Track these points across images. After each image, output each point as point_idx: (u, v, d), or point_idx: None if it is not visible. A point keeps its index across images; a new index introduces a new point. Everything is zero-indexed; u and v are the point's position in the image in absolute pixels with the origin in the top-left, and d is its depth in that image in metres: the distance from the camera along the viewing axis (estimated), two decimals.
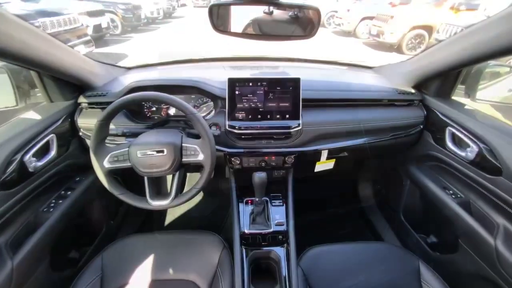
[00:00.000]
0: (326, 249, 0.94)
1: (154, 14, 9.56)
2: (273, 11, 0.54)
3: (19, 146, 0.77)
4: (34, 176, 0.82)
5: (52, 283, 0.91)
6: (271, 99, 0.97)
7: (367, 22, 7.42)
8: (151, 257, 0.90)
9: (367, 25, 7.35)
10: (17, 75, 0.89)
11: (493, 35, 0.70)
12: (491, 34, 0.71)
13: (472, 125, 0.87)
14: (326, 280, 0.85)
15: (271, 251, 0.92)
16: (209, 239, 0.95)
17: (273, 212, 1.01)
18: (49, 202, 0.90)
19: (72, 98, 1.00)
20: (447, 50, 0.88)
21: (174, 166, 0.81)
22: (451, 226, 0.95)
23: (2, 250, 0.72)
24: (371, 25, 6.92)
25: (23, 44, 0.69)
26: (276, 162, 1.04)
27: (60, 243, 0.94)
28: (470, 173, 0.88)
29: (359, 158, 1.43)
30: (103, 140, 0.82)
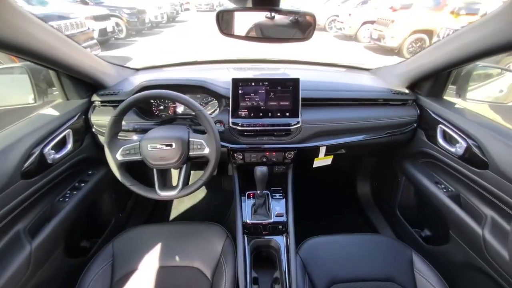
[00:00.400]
0: (324, 240, 0.99)
1: (158, 18, 9.74)
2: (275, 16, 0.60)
3: (39, 139, 0.84)
4: (52, 168, 0.89)
5: (66, 268, 0.97)
6: (272, 98, 1.03)
7: (368, 26, 7.51)
8: (159, 246, 0.95)
9: (368, 29, 7.44)
10: (36, 74, 0.96)
11: (478, 37, 0.76)
12: (475, 36, 0.77)
13: (461, 122, 0.93)
14: (324, 268, 0.90)
15: (272, 239, 0.97)
16: (213, 230, 1.00)
17: (274, 205, 1.06)
18: (64, 193, 0.97)
19: (86, 97, 1.07)
20: (437, 53, 0.94)
21: (182, 159, 0.87)
22: (443, 218, 1.00)
23: (21, 235, 0.78)
24: (372, 29, 7.00)
25: (47, 45, 0.76)
26: (277, 158, 1.10)
27: (74, 231, 1.00)
28: (459, 168, 0.93)
29: (356, 156, 1.48)
30: (116, 134, 0.88)
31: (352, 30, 7.98)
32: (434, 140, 1.03)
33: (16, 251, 0.75)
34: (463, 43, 0.82)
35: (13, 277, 0.71)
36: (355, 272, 0.89)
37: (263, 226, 0.99)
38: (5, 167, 0.74)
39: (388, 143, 1.16)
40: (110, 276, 0.87)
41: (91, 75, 1.01)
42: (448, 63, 0.90)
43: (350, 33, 8.07)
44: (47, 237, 0.84)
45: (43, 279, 0.85)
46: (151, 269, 0.89)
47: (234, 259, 0.91)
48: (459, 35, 0.84)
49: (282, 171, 1.18)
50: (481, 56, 0.79)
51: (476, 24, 0.77)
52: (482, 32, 0.75)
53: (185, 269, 0.91)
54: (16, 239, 0.76)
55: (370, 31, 7.22)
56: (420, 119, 1.12)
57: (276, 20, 0.61)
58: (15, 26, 0.65)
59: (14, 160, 0.76)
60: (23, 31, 0.68)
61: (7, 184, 0.73)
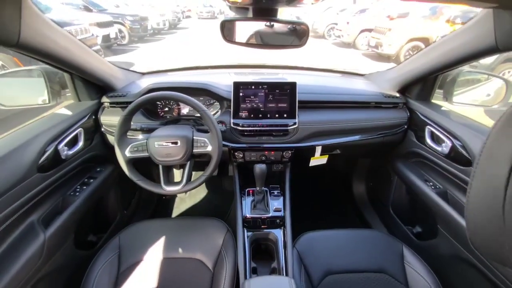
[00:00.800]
0: (320, 234, 1.04)
1: (160, 25, 9.94)
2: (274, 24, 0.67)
3: (54, 136, 0.90)
4: (65, 163, 0.95)
5: (75, 258, 1.03)
6: (271, 100, 1.10)
7: (366, 34, 7.68)
8: (163, 239, 1.00)
9: (366, 37, 7.61)
10: (51, 77, 1.03)
11: (459, 44, 0.84)
12: (457, 43, 0.85)
13: (446, 123, 1.00)
14: (319, 260, 0.95)
15: (270, 232, 1.03)
16: (215, 224, 1.05)
17: (272, 201, 1.12)
18: (75, 188, 1.03)
19: (96, 98, 1.14)
20: (424, 59, 1.02)
21: (186, 156, 0.94)
22: (432, 214, 1.06)
23: (35, 224, 0.84)
24: (370, 37, 7.16)
25: (64, 49, 0.84)
26: (275, 157, 1.16)
27: (82, 225, 1.06)
28: (446, 166, 0.99)
29: (351, 156, 1.54)
30: (125, 132, 0.95)
31: (351, 38, 8.16)
32: (423, 140, 1.10)
33: (31, 238, 0.80)
34: (447, 49, 0.90)
35: (28, 262, 0.76)
36: (349, 264, 0.94)
37: (262, 220, 1.04)
38: (23, 161, 0.80)
39: (380, 143, 1.23)
40: (117, 267, 0.92)
41: (102, 78, 1.08)
42: (434, 68, 0.98)
43: (349, 41, 8.24)
44: (59, 228, 0.89)
45: (55, 267, 0.91)
46: (156, 260, 0.95)
47: (234, 251, 0.96)
48: (443, 42, 0.91)
49: (280, 170, 1.24)
50: (463, 61, 0.86)
51: (458, 31, 0.85)
52: (463, 38, 0.82)
53: (187, 260, 0.96)
54: (31, 228, 0.82)
55: (368, 38, 7.39)
56: (410, 121, 1.19)
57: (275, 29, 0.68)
58: (38, 31, 0.72)
59: (31, 154, 0.82)
60: (44, 35, 0.75)
61: (24, 176, 0.79)
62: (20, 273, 0.74)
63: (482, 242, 0.29)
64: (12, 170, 0.76)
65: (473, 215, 0.30)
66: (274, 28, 0.67)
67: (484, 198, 0.27)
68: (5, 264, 0.72)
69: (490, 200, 0.26)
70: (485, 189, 0.27)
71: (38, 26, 0.71)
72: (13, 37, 0.63)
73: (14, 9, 0.62)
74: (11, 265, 0.72)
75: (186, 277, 0.91)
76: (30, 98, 1.03)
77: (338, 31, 8.84)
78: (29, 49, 0.71)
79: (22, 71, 1.10)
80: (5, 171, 0.74)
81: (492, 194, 0.26)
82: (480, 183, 0.28)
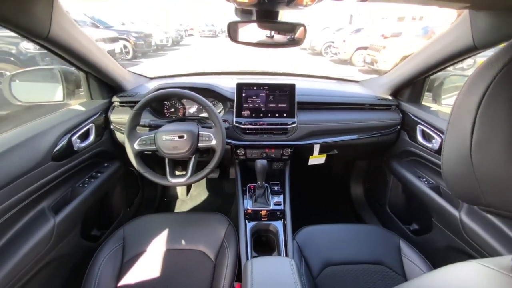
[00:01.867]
0: (319, 228, 1.07)
1: (164, 42, 10.32)
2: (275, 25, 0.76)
3: (69, 129, 0.97)
4: (77, 155, 1.00)
5: (81, 247, 1.06)
6: (271, 101, 1.17)
7: (361, 52, 8.00)
8: (166, 231, 1.03)
9: (362, 54, 7.92)
10: (68, 76, 1.11)
11: (441, 47, 0.93)
12: (439, 46, 0.94)
13: (435, 121, 1.07)
14: (318, 252, 0.98)
15: (270, 224, 1.06)
16: (217, 218, 1.09)
17: (272, 195, 1.16)
18: (84, 180, 1.07)
19: (107, 98, 1.21)
20: (412, 63, 1.11)
21: (192, 149, 0.99)
22: (426, 209, 1.10)
23: (46, 210, 0.88)
24: (366, 54, 7.46)
25: (84, 48, 0.92)
26: (275, 154, 1.21)
27: (88, 217, 1.09)
28: (437, 161, 1.05)
29: (348, 157, 1.60)
30: (135, 127, 1.01)
31: (347, 55, 8.48)
32: (415, 139, 1.16)
33: (42, 222, 0.84)
34: (431, 52, 0.99)
35: (38, 244, 0.80)
36: (348, 256, 0.97)
37: (263, 212, 1.08)
38: (39, 149, 0.85)
39: (376, 144, 1.29)
40: (121, 257, 0.94)
41: (114, 79, 1.16)
42: (421, 71, 1.07)
43: (345, 58, 8.55)
44: (68, 215, 0.93)
45: (62, 254, 0.93)
46: (159, 251, 0.97)
47: (236, 243, 0.99)
48: (428, 46, 1.01)
49: (280, 168, 1.29)
50: (446, 62, 0.95)
51: (440, 35, 0.94)
52: (445, 41, 0.92)
53: (190, 252, 0.98)
54: (42, 213, 0.86)
55: (363, 56, 7.69)
56: (403, 122, 1.26)
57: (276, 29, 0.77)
58: (65, 29, 0.81)
59: (47, 144, 0.88)
60: (70, 34, 0.83)
61: (39, 163, 0.84)
62: (30, 254, 0.77)
63: (458, 188, 0.33)
64: (28, 157, 0.81)
65: (447, 166, 0.34)
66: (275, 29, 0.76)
67: (455, 147, 0.32)
68: (16, 244, 0.75)
69: (460, 147, 0.31)
70: (456, 139, 0.32)
71: (65, 25, 0.80)
72: (44, 31, 0.71)
73: (47, 6, 0.70)
74: (22, 245, 0.76)
75: (188, 267, 0.94)
76: (46, 95, 1.10)
77: (335, 49, 9.19)
78: (56, 44, 0.79)
79: (41, 69, 1.17)
80: (22, 157, 0.79)
81: (462, 142, 0.30)
82: (452, 135, 0.33)
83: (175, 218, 1.12)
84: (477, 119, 0.27)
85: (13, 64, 4.12)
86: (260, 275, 0.66)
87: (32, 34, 0.71)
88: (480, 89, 0.27)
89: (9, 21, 0.64)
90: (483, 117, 0.27)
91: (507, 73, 0.26)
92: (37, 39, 0.73)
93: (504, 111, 0.25)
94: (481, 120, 0.27)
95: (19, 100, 1.04)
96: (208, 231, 1.04)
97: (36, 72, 1.17)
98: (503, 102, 0.25)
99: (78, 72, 1.12)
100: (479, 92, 0.27)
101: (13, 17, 0.63)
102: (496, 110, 0.26)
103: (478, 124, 0.27)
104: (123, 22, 10.14)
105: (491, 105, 0.26)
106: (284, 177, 1.25)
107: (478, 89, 0.27)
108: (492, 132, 0.26)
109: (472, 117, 0.28)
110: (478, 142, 0.27)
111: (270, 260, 0.74)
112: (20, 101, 1.04)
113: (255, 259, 0.72)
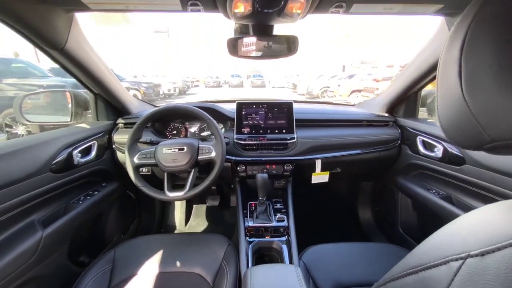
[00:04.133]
0: (327, 247, 0.98)
1: (171, 91, 11.11)
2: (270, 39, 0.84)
3: (71, 142, 0.98)
4: (75, 169, 0.99)
5: (66, 268, 0.97)
6: (271, 118, 1.21)
7: (356, 94, 8.49)
8: (160, 253, 0.95)
9: (357, 96, 8.39)
10: (77, 99, 1.18)
11: (424, 58, 1.01)
12: (422, 58, 1.01)
13: (435, 130, 1.07)
14: (328, 273, 0.88)
15: (274, 241, 0.97)
16: (215, 238, 1.01)
17: (275, 212, 1.10)
18: (79, 197, 1.04)
19: (112, 119, 1.26)
20: (401, 79, 1.18)
21: (191, 162, 0.98)
22: (441, 222, 1.02)
23: (35, 223, 0.83)
24: (360, 96, 7.90)
25: (97, 67, 1.00)
26: (276, 170, 1.19)
27: (79, 236, 1.02)
28: (443, 169, 1.02)
29: (352, 175, 1.54)
30: (136, 141, 1.02)
31: (343, 98, 8.97)
32: (417, 150, 1.15)
33: (29, 233, 0.78)
34: (417, 65, 1.06)
35: (22, 255, 0.73)
36: (361, 277, 0.87)
37: (265, 229, 1.00)
38: (38, 158, 0.85)
39: (378, 159, 1.27)
40: (108, 280, 0.85)
41: (121, 101, 1.22)
42: (410, 84, 1.13)
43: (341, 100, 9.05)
44: (57, 230, 0.87)
45: (45, 273, 0.85)
46: (151, 274, 0.88)
47: (236, 263, 0.90)
48: (414, 60, 1.08)
49: (282, 187, 1.25)
50: (431, 72, 1.00)
51: (423, 48, 1.02)
52: (428, 51, 0.99)
53: (185, 274, 0.89)
54: (31, 225, 0.81)
55: (358, 98, 8.13)
56: (402, 136, 1.26)
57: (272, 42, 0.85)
58: (80, 45, 0.89)
59: (47, 154, 0.88)
60: (84, 50, 0.91)
61: (37, 172, 0.83)
62: (13, 264, 0.71)
63: (460, 134, 0.33)
64: (26, 164, 0.81)
65: (444, 117, 0.34)
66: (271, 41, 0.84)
67: (447, 96, 0.33)
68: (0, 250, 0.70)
69: (453, 94, 0.31)
70: (447, 89, 0.33)
71: (81, 41, 0.88)
72: (61, 42, 0.79)
73: (67, 20, 0.79)
74: (5, 253, 0.70)
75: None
76: (55, 116, 1.15)
77: (331, 92, 9.79)
78: (70, 57, 0.86)
79: (53, 91, 1.25)
80: (20, 163, 0.79)
81: (453, 89, 0.31)
82: (443, 87, 0.34)
83: (171, 239, 1.04)
84: (462, 63, 0.29)
85: None
86: (261, 284, 0.59)
87: (49, 44, 0.78)
88: (459, 39, 0.29)
89: (30, 28, 0.71)
90: (468, 59, 0.28)
91: (481, 17, 0.28)
92: (53, 49, 0.80)
93: (485, 48, 0.27)
94: (466, 62, 0.28)
95: (28, 120, 1.08)
96: (205, 252, 0.96)
97: (48, 94, 1.24)
98: (483, 42, 0.27)
99: (87, 96, 1.20)
100: (458, 42, 0.29)
101: (34, 25, 0.71)
102: (477, 49, 0.28)
103: (464, 66, 0.29)
104: (135, 75, 11.11)
105: (472, 46, 0.28)
106: (287, 195, 1.20)
107: (457, 40, 0.29)
108: (478, 69, 0.28)
109: (457, 63, 0.30)
110: (468, 81, 0.28)
111: (273, 267, 0.66)
112: (28, 121, 1.09)
113: (256, 267, 0.64)
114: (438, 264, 0.29)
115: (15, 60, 4.94)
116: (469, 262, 0.25)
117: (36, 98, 1.13)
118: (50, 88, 4.19)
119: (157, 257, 0.94)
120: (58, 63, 0.88)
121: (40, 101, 1.15)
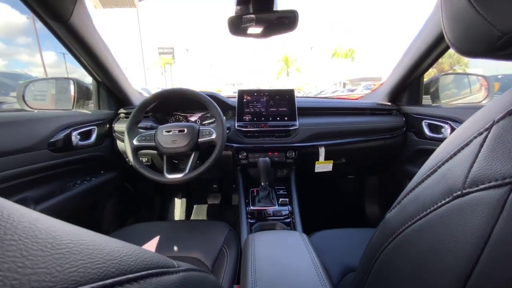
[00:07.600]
0: (334, 232, 0.93)
1: None
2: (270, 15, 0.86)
3: (72, 123, 0.97)
4: (73, 151, 0.97)
5: None
6: (272, 105, 1.20)
7: None
8: (156, 239, 0.90)
9: None
10: (80, 88, 1.18)
11: (420, 42, 1.01)
12: (419, 42, 1.02)
13: (439, 112, 1.05)
14: (338, 257, 0.82)
15: (277, 223, 0.92)
16: (215, 224, 0.96)
17: (278, 197, 1.05)
18: (76, 181, 1.00)
19: (114, 109, 1.25)
20: (401, 66, 1.18)
21: (191, 144, 0.96)
22: None
23: (28, 200, 0.80)
24: None
25: (103, 53, 1.01)
26: (279, 158, 1.16)
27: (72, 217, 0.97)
28: None
29: (357, 166, 1.48)
30: (137, 123, 1.01)
31: None
32: (423, 135, 1.12)
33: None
34: (415, 49, 1.06)
35: None
36: None
37: (267, 213, 0.95)
38: (37, 133, 0.84)
39: (383, 148, 1.23)
40: None
41: (124, 91, 1.23)
42: (411, 69, 1.12)
43: None
44: (50, 208, 0.84)
45: None
46: None
47: (237, 247, 0.84)
48: (412, 45, 1.08)
49: (285, 176, 1.20)
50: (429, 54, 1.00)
51: (419, 32, 1.02)
52: (424, 35, 0.99)
53: (182, 259, 0.83)
54: (23, 202, 0.77)
55: None
56: (407, 123, 1.24)
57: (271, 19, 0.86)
58: (85, 22, 0.90)
59: (46, 130, 0.87)
60: (88, 29, 0.92)
61: (33, 147, 0.81)
62: None
63: (467, 37, 0.31)
64: (25, 137, 0.79)
65: (450, 26, 0.33)
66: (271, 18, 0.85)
67: (453, 3, 0.32)
68: None
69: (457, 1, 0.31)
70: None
71: (86, 18, 0.90)
72: (66, 14, 0.80)
73: None
74: None
75: None
76: (57, 104, 1.15)
77: None
78: (74, 33, 0.87)
79: (58, 79, 1.26)
80: (18, 135, 0.78)
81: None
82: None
83: (169, 225, 1.00)
84: None
85: None
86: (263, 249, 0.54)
87: (54, 15, 0.79)
88: None
89: None
90: None
91: None
92: (58, 21, 0.81)
93: None
94: None
95: (29, 106, 1.08)
96: (205, 237, 0.91)
97: (52, 82, 1.25)
98: None
99: (90, 87, 1.21)
100: None
101: None
102: None
103: None
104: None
105: None
106: (290, 183, 1.15)
107: None
108: None
109: None
110: None
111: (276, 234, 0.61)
112: (30, 107, 1.09)
113: (257, 233, 0.60)
114: (464, 146, 0.28)
115: (24, 76, 5.13)
116: (496, 127, 0.24)
117: (41, 85, 1.14)
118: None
119: (152, 243, 0.89)
120: (61, 41, 0.89)
121: (45, 88, 1.16)
